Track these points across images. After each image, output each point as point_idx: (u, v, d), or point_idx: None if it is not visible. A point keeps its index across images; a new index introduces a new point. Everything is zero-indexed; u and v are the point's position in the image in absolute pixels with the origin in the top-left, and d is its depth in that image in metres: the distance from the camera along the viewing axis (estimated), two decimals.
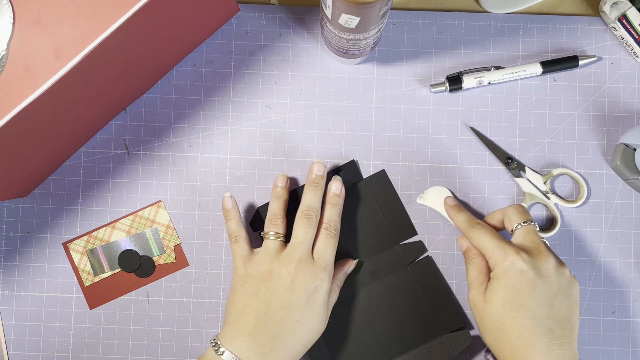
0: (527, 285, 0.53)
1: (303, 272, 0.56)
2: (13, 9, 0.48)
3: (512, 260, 0.54)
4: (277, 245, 0.58)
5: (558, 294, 0.54)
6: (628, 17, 0.64)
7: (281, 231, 0.59)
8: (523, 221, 0.57)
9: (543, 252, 0.55)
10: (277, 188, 0.62)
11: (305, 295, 0.56)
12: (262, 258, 0.58)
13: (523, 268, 0.54)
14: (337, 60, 0.65)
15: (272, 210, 0.60)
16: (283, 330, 0.55)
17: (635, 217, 0.65)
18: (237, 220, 0.61)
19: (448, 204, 0.63)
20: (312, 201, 0.59)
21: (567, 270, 0.56)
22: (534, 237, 0.56)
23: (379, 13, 0.52)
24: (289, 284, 0.56)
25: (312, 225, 0.58)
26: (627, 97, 0.66)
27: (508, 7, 0.66)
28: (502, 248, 0.55)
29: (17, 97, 0.47)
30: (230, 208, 0.61)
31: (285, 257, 0.57)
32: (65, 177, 0.66)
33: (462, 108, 0.66)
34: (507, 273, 0.54)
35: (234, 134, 0.66)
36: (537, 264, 0.54)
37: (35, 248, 0.65)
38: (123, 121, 0.66)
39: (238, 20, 0.66)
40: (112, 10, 0.48)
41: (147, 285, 0.65)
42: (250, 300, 0.56)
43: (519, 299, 0.53)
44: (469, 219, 0.60)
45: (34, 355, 0.65)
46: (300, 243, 0.57)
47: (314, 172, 0.61)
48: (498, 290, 0.54)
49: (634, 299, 0.65)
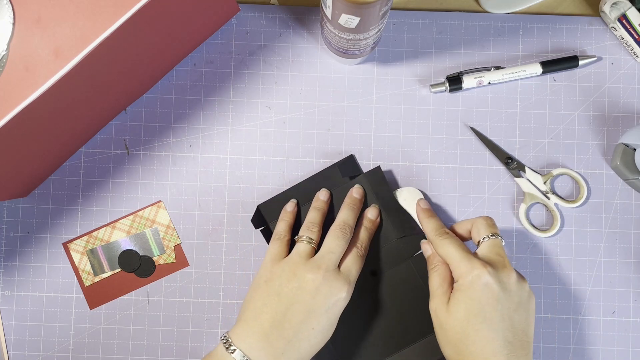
0: (492, 298, 0.53)
1: (329, 281, 0.56)
2: (13, 9, 0.48)
3: (478, 273, 0.54)
4: (308, 249, 0.58)
5: (519, 307, 0.54)
6: (628, 17, 0.64)
7: (315, 238, 0.59)
8: (491, 234, 0.57)
9: (507, 266, 0.55)
10: (318, 200, 0.63)
11: (327, 305, 0.56)
12: (291, 259, 0.58)
13: (488, 281, 0.54)
14: (337, 60, 0.65)
15: (311, 219, 0.61)
16: (299, 336, 0.55)
17: (635, 217, 0.65)
18: (289, 224, 0.62)
19: (420, 207, 0.62)
20: (347, 218, 0.60)
21: (527, 284, 0.56)
22: (499, 251, 0.56)
23: (379, 13, 0.52)
24: (312, 290, 0.56)
25: (345, 240, 0.59)
26: (627, 97, 0.66)
27: (508, 7, 0.66)
28: (469, 260, 0.55)
29: (17, 97, 0.47)
30: (289, 212, 0.63)
31: (314, 263, 0.57)
32: (65, 177, 0.66)
33: (462, 108, 0.66)
34: (473, 285, 0.54)
35: (234, 134, 0.66)
36: (501, 277, 0.54)
37: (35, 248, 0.65)
38: (123, 121, 0.66)
39: (238, 20, 0.66)
40: (112, 10, 0.48)
41: (147, 285, 0.65)
42: (271, 298, 0.56)
43: (482, 312, 0.53)
44: (438, 226, 0.59)
45: (34, 355, 0.65)
46: (330, 253, 0.58)
47: (353, 194, 0.62)
48: (462, 302, 0.54)
49: (634, 299, 0.65)
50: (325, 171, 0.64)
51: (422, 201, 0.63)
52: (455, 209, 0.65)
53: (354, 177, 0.64)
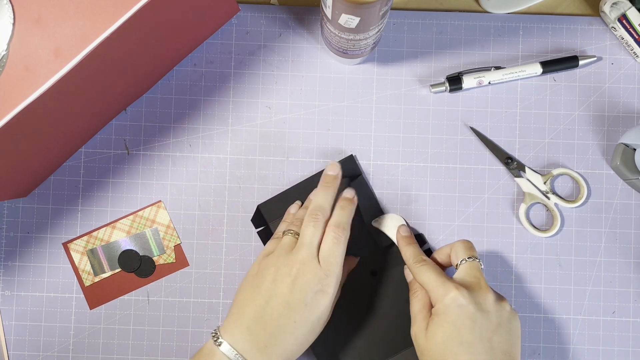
0: (467, 320, 0.53)
1: (304, 274, 0.55)
2: (13, 9, 0.48)
3: (453, 296, 0.54)
4: (290, 242, 0.58)
5: (498, 328, 0.54)
6: (628, 17, 0.64)
7: (299, 231, 0.59)
8: (468, 257, 0.57)
9: (483, 287, 0.55)
10: (308, 200, 0.62)
11: (306, 298, 0.55)
12: (275, 253, 0.58)
13: (462, 303, 0.53)
14: (337, 60, 0.65)
15: (299, 214, 0.60)
16: (280, 329, 0.55)
17: (635, 217, 0.65)
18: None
19: (400, 234, 0.62)
20: (321, 201, 0.59)
21: (507, 304, 0.56)
22: (476, 273, 0.56)
23: (379, 13, 0.52)
24: (289, 284, 0.55)
25: (318, 226, 0.57)
26: (627, 97, 0.66)
27: (508, 7, 0.66)
28: (443, 284, 0.55)
29: (17, 97, 0.47)
30: (292, 214, 0.62)
31: (292, 256, 0.57)
32: (65, 177, 0.66)
33: (462, 108, 0.66)
34: (447, 309, 0.54)
35: (234, 134, 0.66)
36: (477, 298, 0.54)
37: (35, 248, 0.65)
38: (123, 121, 0.66)
39: (238, 20, 0.66)
40: (112, 10, 0.48)
41: (147, 285, 0.65)
42: (253, 292, 0.56)
43: (459, 336, 0.53)
44: (415, 254, 0.59)
45: (34, 355, 0.65)
46: (303, 245, 0.57)
47: (328, 171, 0.61)
48: (439, 326, 0.54)
49: (634, 299, 0.65)
50: None
51: (403, 228, 0.63)
52: (455, 209, 0.65)
53: (354, 177, 0.64)
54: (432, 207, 0.65)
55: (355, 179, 0.64)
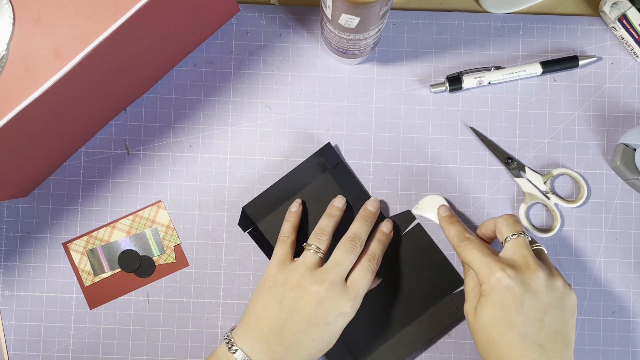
0: (514, 301, 0.53)
1: (332, 295, 0.55)
2: (13, 9, 0.48)
3: (498, 277, 0.53)
4: (315, 259, 0.58)
5: (549, 307, 0.53)
6: (628, 17, 0.64)
7: (323, 248, 0.59)
8: (512, 234, 0.56)
9: (531, 267, 0.54)
10: (333, 207, 0.62)
11: (328, 318, 0.55)
12: (296, 267, 0.57)
13: (509, 284, 0.53)
14: (337, 60, 0.65)
15: (321, 226, 0.60)
16: (297, 344, 0.55)
17: (635, 217, 0.65)
18: (293, 225, 0.62)
19: (441, 215, 0.62)
20: (359, 231, 0.59)
21: (560, 281, 0.54)
22: (523, 251, 0.55)
23: (379, 13, 0.52)
24: (315, 303, 0.55)
25: (354, 253, 0.58)
26: (627, 97, 0.66)
27: (508, 7, 0.66)
28: (488, 264, 0.54)
29: (17, 97, 0.47)
30: (294, 212, 0.63)
31: (319, 274, 0.56)
32: (65, 177, 0.66)
33: (462, 108, 0.66)
34: (493, 290, 0.53)
35: (234, 134, 0.66)
36: (524, 278, 0.53)
37: (35, 248, 0.65)
38: (123, 121, 0.66)
39: (238, 20, 0.66)
40: (112, 10, 0.48)
41: (147, 285, 0.65)
42: (273, 304, 0.56)
43: (506, 316, 0.53)
44: (459, 232, 0.59)
45: (34, 355, 0.65)
46: (337, 266, 0.57)
47: (368, 206, 0.62)
48: (485, 307, 0.54)
49: (634, 299, 0.65)
50: (305, 163, 0.64)
51: (443, 208, 0.63)
52: (455, 209, 0.65)
53: (335, 165, 0.64)
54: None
55: (336, 165, 0.65)
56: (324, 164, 0.64)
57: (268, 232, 0.64)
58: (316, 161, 0.64)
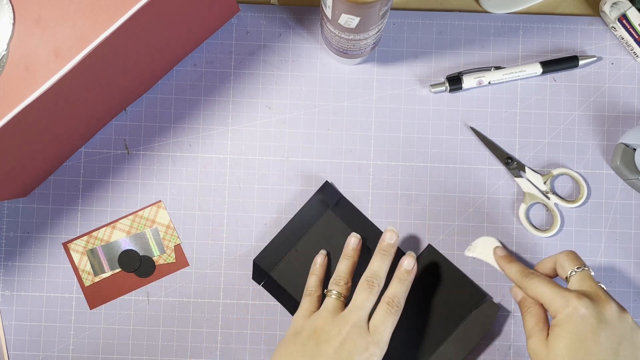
0: (591, 332, 0.51)
1: (354, 338, 0.55)
2: (13, 9, 0.48)
3: (575, 306, 0.52)
4: (336, 305, 0.58)
5: (622, 340, 0.52)
6: (628, 17, 0.64)
7: (344, 292, 0.59)
8: (577, 267, 0.55)
9: (603, 298, 0.53)
10: (348, 248, 0.62)
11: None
12: (319, 314, 0.57)
13: (585, 314, 0.51)
14: (337, 60, 0.65)
15: (339, 271, 0.60)
16: None
17: (635, 217, 0.65)
18: (319, 278, 0.62)
19: (498, 255, 0.62)
20: (378, 269, 0.59)
21: (629, 316, 0.53)
22: (591, 283, 0.54)
23: (379, 13, 0.52)
24: (337, 346, 0.55)
25: (374, 293, 0.57)
26: (627, 97, 0.66)
27: (508, 7, 0.66)
28: (562, 294, 0.53)
29: (17, 97, 0.47)
30: (319, 265, 0.62)
31: (341, 318, 0.56)
32: (65, 177, 0.66)
33: (462, 108, 0.66)
34: (570, 319, 0.52)
35: (234, 134, 0.66)
36: (599, 309, 0.52)
37: (35, 248, 0.65)
38: (123, 121, 0.66)
39: (238, 20, 0.66)
40: (112, 10, 0.48)
41: (147, 285, 0.65)
42: (296, 349, 0.56)
43: (583, 347, 0.51)
44: (521, 269, 0.58)
45: (34, 355, 0.65)
46: (357, 308, 0.56)
47: (385, 239, 0.60)
48: (561, 337, 0.52)
49: (634, 299, 0.65)
50: (308, 204, 0.64)
51: (499, 249, 0.62)
52: (455, 209, 0.65)
53: (337, 202, 0.65)
54: (432, 207, 0.65)
55: (338, 202, 0.65)
56: (326, 203, 0.64)
57: (282, 279, 0.64)
58: (318, 200, 0.64)
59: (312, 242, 0.64)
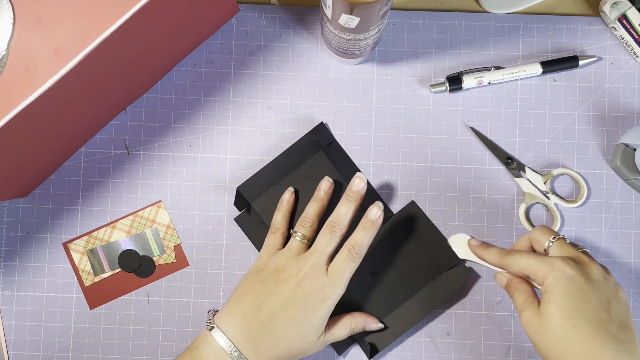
0: (580, 291, 0.52)
1: (311, 278, 0.56)
2: (13, 9, 0.48)
3: (561, 268, 0.52)
4: (299, 246, 0.59)
5: (611, 298, 0.52)
6: (628, 17, 0.64)
7: (308, 235, 0.59)
8: (552, 237, 0.56)
9: (586, 260, 0.54)
10: (319, 191, 0.62)
11: (306, 301, 0.56)
12: (282, 253, 0.59)
13: (572, 274, 0.52)
14: (337, 60, 0.65)
15: (307, 212, 0.61)
16: (273, 322, 0.56)
17: (635, 217, 0.65)
18: (285, 215, 0.62)
19: (473, 245, 0.62)
20: (342, 215, 0.59)
21: (612, 277, 0.54)
22: (570, 249, 0.55)
23: (379, 13, 0.52)
24: (294, 285, 0.56)
25: (334, 238, 0.58)
26: (627, 97, 0.66)
27: (508, 7, 0.66)
28: (547, 260, 0.53)
29: (17, 97, 0.47)
30: (286, 201, 0.63)
31: (301, 259, 0.57)
32: (65, 177, 0.66)
33: (462, 108, 0.66)
34: (559, 282, 0.52)
35: (234, 134, 0.66)
36: (584, 270, 0.53)
37: (35, 248, 0.65)
38: (123, 121, 0.66)
39: (238, 20, 0.66)
40: (112, 10, 0.48)
41: (147, 285, 0.65)
42: (256, 285, 0.57)
43: (575, 306, 0.51)
44: (500, 250, 0.58)
45: (34, 355, 0.65)
46: (317, 252, 0.57)
47: (353, 186, 0.60)
48: (552, 301, 0.52)
49: (634, 298, 0.65)
50: (299, 142, 0.65)
51: (473, 240, 0.63)
52: (455, 209, 0.65)
53: (329, 144, 0.65)
54: (432, 207, 0.65)
55: (330, 144, 0.65)
56: (318, 143, 0.64)
57: (263, 212, 0.64)
58: (309, 140, 0.65)
59: (298, 180, 0.64)
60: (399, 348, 0.65)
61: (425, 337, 0.65)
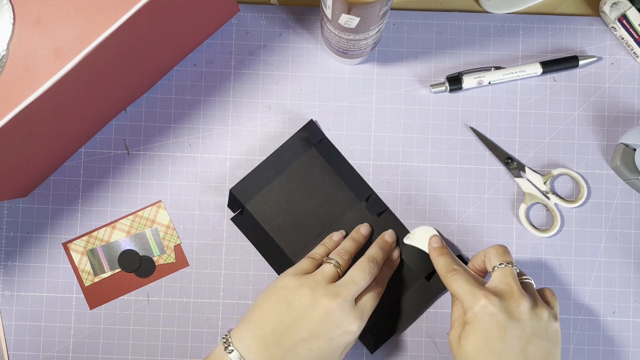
0: (498, 329, 0.52)
1: (342, 311, 0.55)
2: (13, 9, 0.48)
3: (482, 304, 0.53)
4: (333, 272, 0.58)
5: (532, 337, 0.53)
6: (628, 17, 0.64)
7: (343, 264, 0.59)
8: (500, 263, 0.56)
9: (515, 295, 0.54)
10: (358, 232, 0.63)
11: (332, 334, 0.55)
12: (313, 277, 0.57)
13: (492, 311, 0.52)
14: (337, 60, 0.65)
15: (345, 246, 0.61)
16: (296, 351, 0.55)
17: (635, 217, 0.65)
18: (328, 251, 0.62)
19: (432, 245, 0.62)
20: (377, 255, 0.60)
21: (545, 311, 0.54)
22: (508, 280, 0.55)
23: (379, 13, 0.52)
24: (322, 314, 0.55)
25: (371, 275, 0.58)
26: (627, 97, 0.66)
27: (508, 7, 0.66)
28: (472, 293, 0.54)
29: (17, 97, 0.47)
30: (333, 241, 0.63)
31: (334, 288, 0.56)
32: (65, 177, 0.66)
33: (462, 108, 0.66)
34: (477, 317, 0.53)
35: (234, 134, 0.66)
36: (508, 307, 0.53)
37: (35, 248, 0.65)
38: (123, 121, 0.66)
39: (238, 20, 0.66)
40: (112, 10, 0.48)
41: (147, 285, 0.65)
42: (280, 306, 0.56)
43: (489, 345, 0.52)
44: (447, 264, 0.59)
45: (34, 355, 0.65)
46: (352, 283, 0.57)
47: (385, 237, 0.63)
48: (469, 335, 0.53)
49: (634, 299, 0.65)
50: (290, 141, 0.65)
51: (434, 239, 0.62)
52: (455, 209, 0.65)
53: (320, 141, 0.65)
54: (432, 207, 0.65)
55: (321, 141, 0.65)
56: (309, 140, 0.64)
57: (257, 212, 0.64)
58: (300, 138, 0.65)
59: (291, 178, 0.64)
60: (399, 348, 0.65)
61: (425, 337, 0.65)
